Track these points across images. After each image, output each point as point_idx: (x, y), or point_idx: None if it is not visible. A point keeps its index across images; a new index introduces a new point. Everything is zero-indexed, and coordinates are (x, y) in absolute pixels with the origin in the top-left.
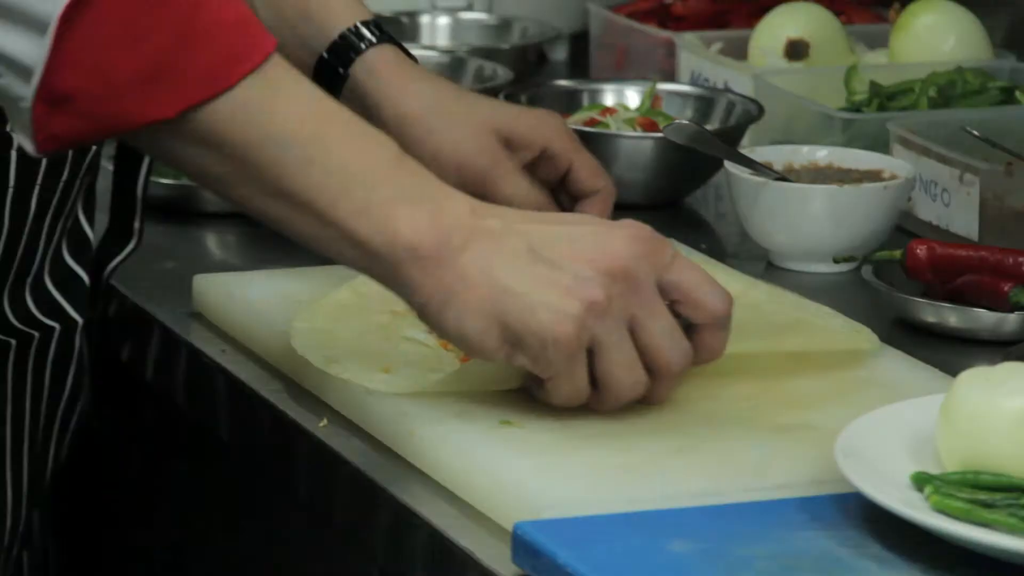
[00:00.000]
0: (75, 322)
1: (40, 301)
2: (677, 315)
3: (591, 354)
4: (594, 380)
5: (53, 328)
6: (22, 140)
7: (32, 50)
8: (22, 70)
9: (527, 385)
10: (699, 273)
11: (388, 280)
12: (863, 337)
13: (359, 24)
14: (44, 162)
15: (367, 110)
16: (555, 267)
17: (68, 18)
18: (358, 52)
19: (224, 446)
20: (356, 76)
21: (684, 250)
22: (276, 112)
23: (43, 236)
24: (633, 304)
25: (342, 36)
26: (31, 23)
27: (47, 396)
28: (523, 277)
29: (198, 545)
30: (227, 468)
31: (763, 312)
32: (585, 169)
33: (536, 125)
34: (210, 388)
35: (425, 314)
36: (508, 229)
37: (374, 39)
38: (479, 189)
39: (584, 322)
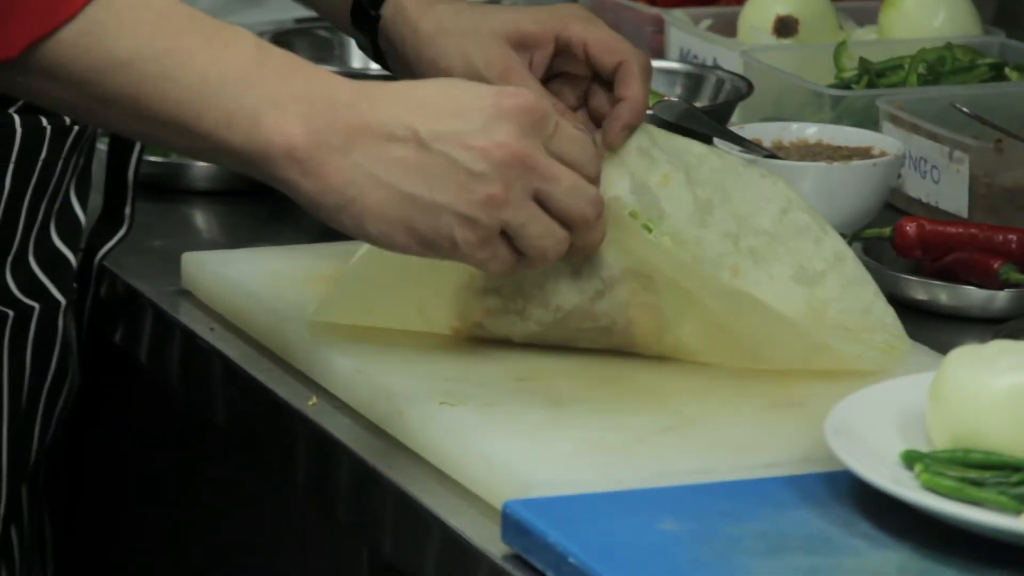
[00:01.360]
0: (57, 302)
1: (20, 280)
2: None
3: (508, 234)
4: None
5: (32, 308)
6: None
7: None
8: None
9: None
10: (578, 142)
11: (272, 182)
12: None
13: None
14: (47, 142)
15: (396, 49)
16: (448, 162)
17: None
18: None
19: (214, 424)
20: (386, 16)
21: None
22: (121, 34)
23: (24, 215)
24: (532, 180)
25: None
26: None
27: (28, 376)
28: (418, 179)
29: (192, 519)
30: (217, 445)
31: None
32: (597, 44)
33: (545, 18)
34: (199, 367)
35: (317, 212)
36: (392, 121)
37: None
38: None
39: (488, 219)
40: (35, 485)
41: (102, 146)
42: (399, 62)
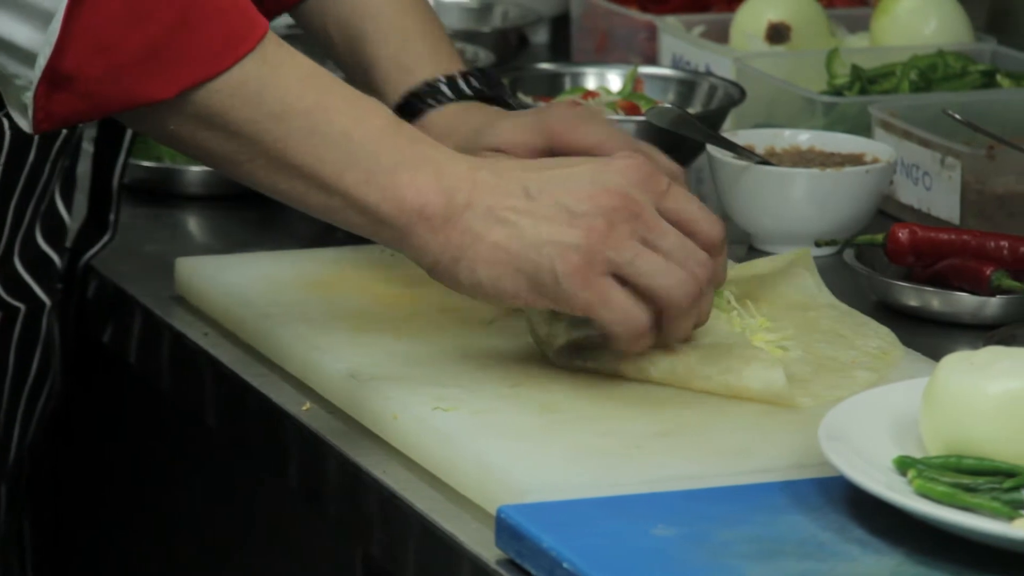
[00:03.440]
0: (43, 303)
1: (6, 281)
2: None
3: (624, 281)
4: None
5: (18, 308)
6: (17, 118)
7: (35, 37)
8: (25, 56)
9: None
10: (695, 202)
11: (397, 243)
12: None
13: (430, 82)
14: (35, 145)
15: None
16: (554, 204)
17: (75, 1)
18: (422, 111)
19: (207, 430)
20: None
21: None
22: (275, 88)
23: (10, 217)
24: (639, 228)
25: (413, 94)
26: (36, 14)
27: (11, 375)
28: (524, 219)
29: (182, 524)
30: (210, 451)
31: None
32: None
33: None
34: (193, 371)
35: (437, 273)
36: (505, 178)
37: (449, 97)
38: None
39: (589, 250)
40: (16, 485)
41: (88, 146)
42: None
